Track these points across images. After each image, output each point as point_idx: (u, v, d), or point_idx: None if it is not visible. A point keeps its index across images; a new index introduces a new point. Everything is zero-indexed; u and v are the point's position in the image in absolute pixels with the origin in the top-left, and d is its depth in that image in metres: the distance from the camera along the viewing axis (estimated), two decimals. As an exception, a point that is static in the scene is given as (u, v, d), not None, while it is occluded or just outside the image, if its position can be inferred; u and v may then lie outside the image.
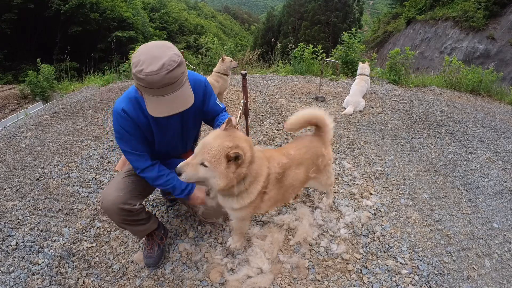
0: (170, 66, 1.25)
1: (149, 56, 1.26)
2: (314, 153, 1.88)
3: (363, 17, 35.21)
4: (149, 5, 34.11)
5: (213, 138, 1.38)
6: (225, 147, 1.35)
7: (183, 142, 1.80)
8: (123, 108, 1.47)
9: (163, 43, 1.34)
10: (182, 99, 1.35)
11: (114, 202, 1.57)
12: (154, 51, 1.28)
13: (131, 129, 1.50)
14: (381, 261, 1.96)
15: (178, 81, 1.31)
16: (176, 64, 1.28)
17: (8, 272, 1.96)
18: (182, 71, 1.33)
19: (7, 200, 2.60)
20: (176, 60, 1.28)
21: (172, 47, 1.33)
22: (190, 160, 1.38)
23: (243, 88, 2.53)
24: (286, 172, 1.71)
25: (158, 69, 1.23)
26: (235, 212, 1.66)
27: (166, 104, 1.33)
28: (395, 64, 6.05)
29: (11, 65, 17.16)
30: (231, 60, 3.96)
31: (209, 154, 1.34)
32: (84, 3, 18.63)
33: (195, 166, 1.37)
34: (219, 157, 1.34)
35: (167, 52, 1.28)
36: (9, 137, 3.83)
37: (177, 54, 1.30)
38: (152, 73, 1.23)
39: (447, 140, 3.64)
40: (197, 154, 1.37)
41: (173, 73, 1.27)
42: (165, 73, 1.25)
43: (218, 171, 1.36)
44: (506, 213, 2.59)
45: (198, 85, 1.64)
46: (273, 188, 1.66)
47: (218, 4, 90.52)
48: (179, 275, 1.85)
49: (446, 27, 16.04)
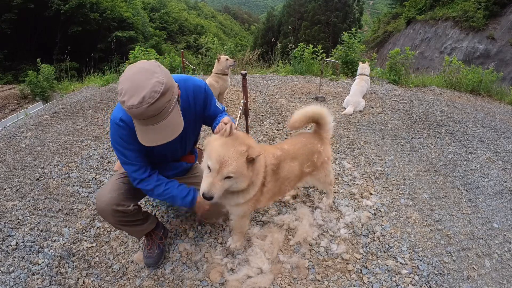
0: (151, 98, 1.19)
1: (132, 86, 1.20)
2: (309, 149, 1.91)
3: (363, 17, 35.21)
4: (149, 5, 34.13)
5: (223, 147, 1.35)
6: (242, 151, 1.36)
7: (182, 146, 1.79)
8: (121, 117, 1.43)
9: (147, 67, 1.24)
10: (169, 129, 1.31)
11: (108, 204, 1.57)
12: (137, 79, 1.21)
13: (130, 139, 1.47)
14: (381, 261, 1.96)
15: (163, 111, 1.26)
16: (159, 95, 1.20)
17: (8, 272, 1.96)
18: (167, 100, 1.25)
19: (7, 200, 2.60)
20: (158, 90, 1.20)
21: (156, 72, 1.23)
22: (213, 179, 1.34)
23: (243, 88, 2.53)
24: (281, 164, 1.75)
25: (139, 103, 1.18)
26: (238, 208, 1.67)
27: (152, 134, 1.30)
28: (395, 64, 6.05)
29: (11, 65, 17.17)
30: (226, 58, 3.85)
31: (231, 165, 1.33)
32: (84, 3, 18.63)
33: (221, 182, 1.36)
34: (241, 164, 1.36)
35: (149, 81, 1.20)
36: (9, 137, 3.83)
37: (161, 82, 1.21)
38: (133, 106, 1.19)
39: (447, 140, 3.64)
40: (216, 170, 1.34)
41: (156, 105, 1.21)
42: (147, 107, 1.19)
43: (243, 176, 1.40)
44: (506, 213, 2.59)
45: (198, 91, 1.63)
46: (271, 180, 1.69)
47: (218, 4, 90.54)
48: (179, 275, 1.85)
49: (446, 27, 16.04)
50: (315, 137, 2.00)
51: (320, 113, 1.90)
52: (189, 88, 1.60)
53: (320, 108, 1.89)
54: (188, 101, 1.60)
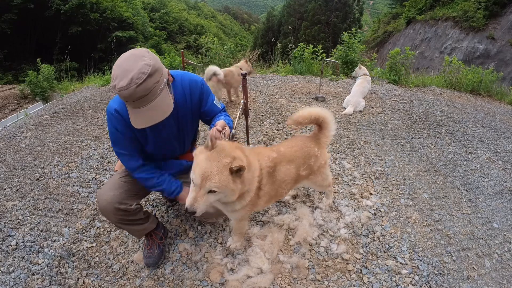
0: (139, 79, 1.23)
1: (121, 70, 1.25)
2: (306, 152, 1.90)
3: (363, 17, 35.19)
4: (149, 5, 34.15)
5: (206, 162, 1.32)
6: (225, 164, 1.32)
7: (180, 143, 1.79)
8: (115, 108, 1.47)
9: (136, 53, 1.30)
10: (159, 110, 1.34)
11: (110, 202, 1.57)
12: (125, 64, 1.26)
13: (124, 129, 1.50)
14: (381, 261, 1.96)
15: (152, 92, 1.29)
16: (146, 76, 1.24)
17: (8, 272, 1.96)
18: (155, 81, 1.29)
19: (7, 200, 2.60)
20: (145, 72, 1.24)
21: (144, 56, 1.29)
22: (196, 194, 1.32)
23: (243, 88, 2.54)
24: (277, 166, 1.74)
25: (128, 84, 1.22)
26: (235, 213, 1.67)
27: (143, 116, 1.33)
28: (395, 64, 6.05)
29: (11, 65, 17.20)
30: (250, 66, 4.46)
31: (213, 179, 1.30)
32: (84, 3, 18.66)
33: (205, 197, 1.33)
34: (224, 178, 1.32)
35: (137, 64, 1.25)
36: (9, 137, 3.83)
37: (148, 64, 1.26)
38: (122, 88, 1.23)
39: (447, 140, 3.64)
40: (199, 184, 1.31)
41: (144, 85, 1.25)
42: (135, 87, 1.23)
43: (229, 189, 1.36)
44: (506, 213, 2.59)
45: (194, 86, 1.64)
46: (267, 183, 1.68)
47: (218, 4, 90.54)
48: (179, 275, 1.85)
49: (446, 27, 16.04)
50: (312, 140, 1.98)
51: (325, 117, 1.91)
52: (185, 83, 1.61)
53: (326, 112, 1.91)
54: (184, 95, 1.61)
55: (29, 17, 17.72)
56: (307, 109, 1.86)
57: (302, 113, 1.84)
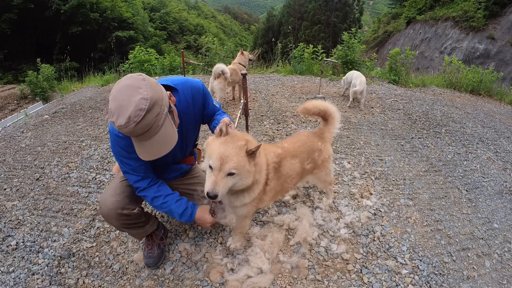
0: (137, 117, 1.16)
1: (117, 106, 1.18)
2: (309, 147, 1.95)
3: (363, 17, 35.20)
4: (149, 5, 34.16)
5: (223, 146, 1.37)
6: (241, 146, 1.37)
7: (183, 149, 1.79)
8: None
9: (131, 83, 1.20)
10: (163, 142, 1.30)
11: (112, 208, 1.56)
12: (121, 98, 1.18)
13: (130, 148, 1.43)
14: (381, 261, 1.96)
15: (153, 127, 1.24)
16: (144, 112, 1.17)
17: (8, 272, 1.96)
18: (155, 115, 1.22)
19: (7, 200, 2.60)
20: (143, 108, 1.17)
21: (140, 87, 1.19)
22: (215, 177, 1.35)
23: (243, 88, 2.54)
24: (282, 162, 1.77)
25: (126, 123, 1.17)
26: (241, 208, 1.67)
27: (149, 148, 1.29)
28: (395, 64, 6.06)
29: (11, 65, 17.21)
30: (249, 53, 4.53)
31: (232, 161, 1.34)
32: (84, 3, 18.67)
33: (225, 180, 1.36)
34: (242, 159, 1.37)
35: (133, 98, 1.17)
36: (9, 137, 3.83)
37: (145, 98, 1.17)
38: (121, 127, 1.18)
39: (447, 140, 3.64)
40: (218, 167, 1.34)
41: (144, 122, 1.19)
42: (134, 125, 1.17)
43: (246, 171, 1.40)
44: (506, 213, 2.59)
45: (197, 92, 1.64)
46: (273, 178, 1.71)
47: (218, 4, 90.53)
48: (179, 275, 1.85)
49: (446, 27, 16.05)
50: (315, 135, 2.04)
51: (332, 112, 2.00)
52: (187, 91, 1.60)
53: (333, 107, 2.00)
54: (187, 105, 1.61)
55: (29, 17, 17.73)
56: (314, 101, 1.96)
57: (311, 105, 1.95)
